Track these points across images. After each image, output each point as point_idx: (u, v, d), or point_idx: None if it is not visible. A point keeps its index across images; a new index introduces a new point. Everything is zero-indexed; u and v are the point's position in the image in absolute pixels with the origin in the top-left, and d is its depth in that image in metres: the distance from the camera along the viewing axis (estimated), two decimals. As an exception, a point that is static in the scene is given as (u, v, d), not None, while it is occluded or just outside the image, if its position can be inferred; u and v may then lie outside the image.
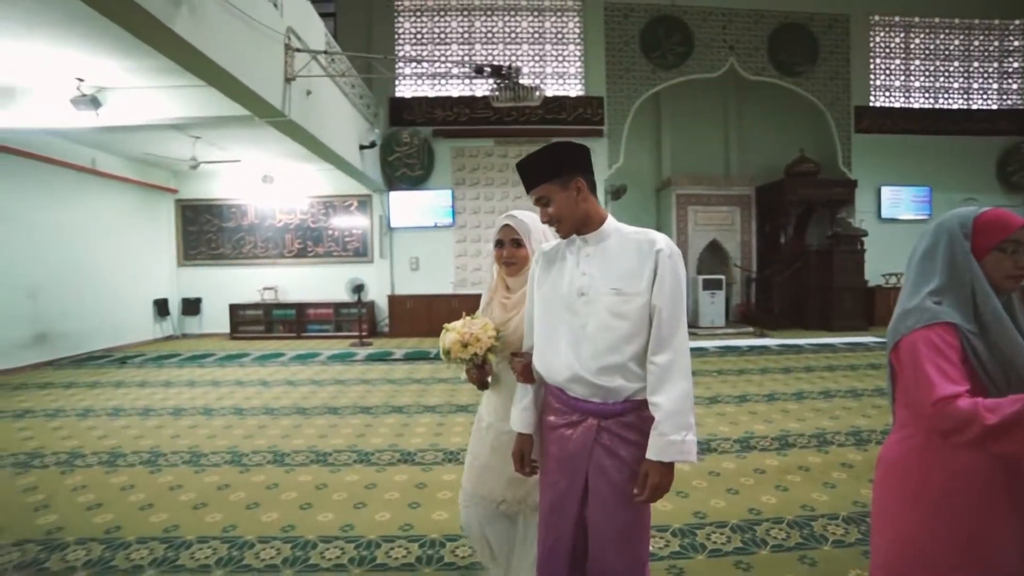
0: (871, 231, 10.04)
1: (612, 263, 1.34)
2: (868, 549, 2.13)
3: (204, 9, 3.49)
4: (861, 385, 5.21)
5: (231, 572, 2.14)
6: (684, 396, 1.25)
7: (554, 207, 1.35)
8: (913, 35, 10.71)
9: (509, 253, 1.64)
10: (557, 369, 1.36)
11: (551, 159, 1.34)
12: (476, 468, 1.70)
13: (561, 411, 1.39)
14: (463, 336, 1.53)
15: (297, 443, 3.73)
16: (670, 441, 1.22)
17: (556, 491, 1.39)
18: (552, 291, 1.41)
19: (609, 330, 1.30)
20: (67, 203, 7.36)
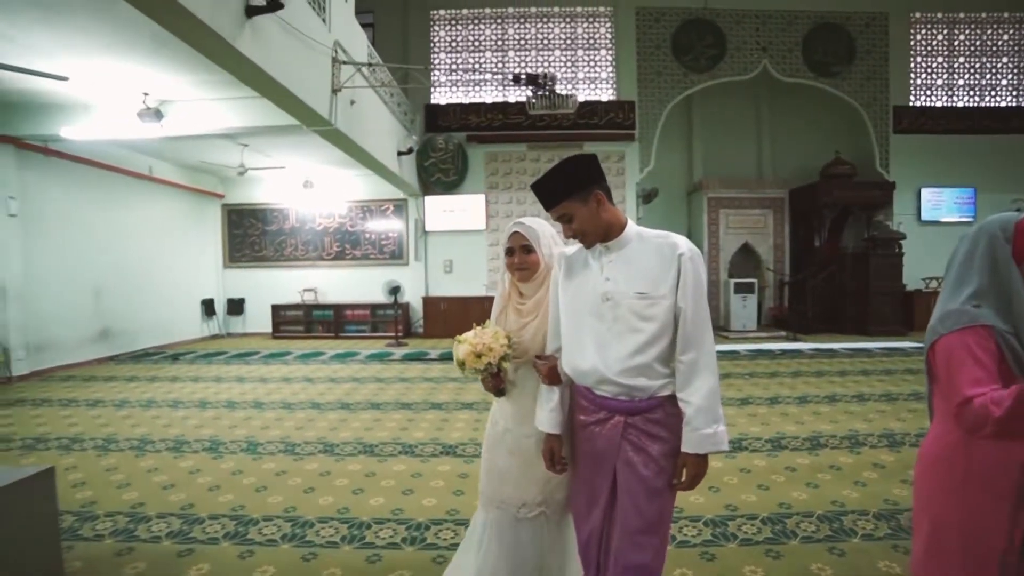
0: (910, 234, 9.82)
1: (635, 268, 1.38)
2: (897, 543, 2.22)
3: (264, 29, 3.77)
4: (897, 389, 5.17)
5: (296, 547, 2.36)
6: (712, 391, 1.32)
7: (577, 222, 1.38)
8: (957, 31, 10.43)
9: (520, 260, 1.65)
10: (585, 371, 1.40)
11: (567, 176, 1.36)
12: (495, 473, 1.71)
13: (589, 409, 1.43)
14: (476, 347, 1.53)
15: (344, 435, 3.96)
16: (703, 435, 1.30)
17: (591, 486, 1.44)
18: (577, 296, 1.44)
19: (635, 332, 1.34)
20: (126, 208, 7.86)
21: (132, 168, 7.81)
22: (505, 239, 1.69)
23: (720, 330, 9.65)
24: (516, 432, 1.67)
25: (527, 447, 1.64)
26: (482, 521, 1.74)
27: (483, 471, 1.77)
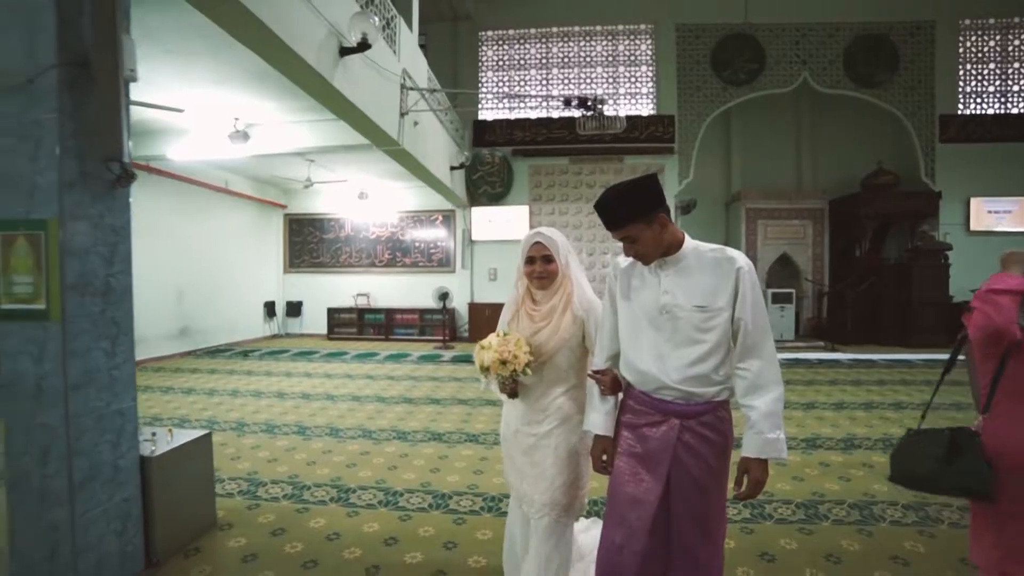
0: (958, 244, 9.70)
1: (693, 281, 1.41)
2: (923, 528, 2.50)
3: (352, 66, 4.31)
4: (937, 399, 5.28)
5: (391, 510, 2.81)
6: (777, 399, 1.38)
7: (640, 244, 1.41)
8: (1011, 37, 10.26)
9: (541, 269, 1.71)
10: (643, 380, 1.46)
11: (633, 200, 1.38)
12: (514, 470, 1.83)
13: (642, 412, 1.47)
14: (502, 354, 1.61)
15: (413, 424, 4.43)
16: (767, 439, 1.35)
17: (640, 486, 1.44)
18: (635, 307, 1.49)
19: (694, 344, 1.39)
20: (204, 217, 8.65)
21: (211, 181, 8.59)
22: (524, 248, 1.75)
23: (759, 339, 9.76)
24: (524, 431, 1.77)
25: (533, 446, 1.75)
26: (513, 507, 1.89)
27: (506, 467, 1.90)
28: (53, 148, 1.84)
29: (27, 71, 1.83)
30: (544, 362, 1.71)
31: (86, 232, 1.94)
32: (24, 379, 1.89)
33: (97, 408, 1.99)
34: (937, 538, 2.49)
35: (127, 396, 2.13)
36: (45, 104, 1.83)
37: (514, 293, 1.84)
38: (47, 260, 1.85)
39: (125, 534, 2.10)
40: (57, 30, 1.83)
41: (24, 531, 1.91)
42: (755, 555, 2.32)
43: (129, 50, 1.98)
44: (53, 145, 1.84)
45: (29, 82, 1.82)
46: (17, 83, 1.83)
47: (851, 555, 2.32)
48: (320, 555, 2.33)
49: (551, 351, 1.69)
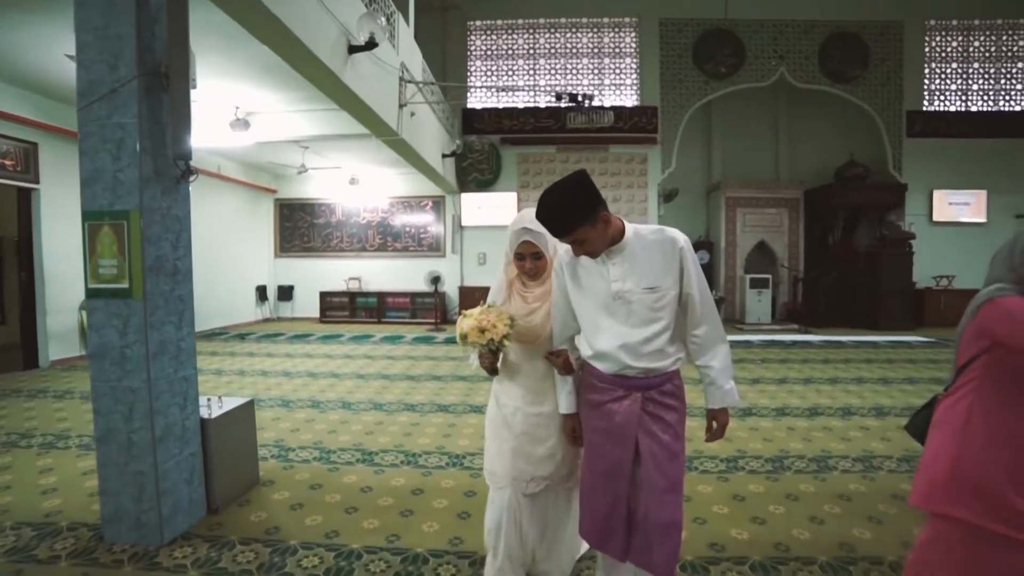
0: (922, 234, 10.35)
1: (640, 265, 1.50)
2: (867, 474, 2.95)
3: (358, 62, 4.56)
4: (893, 375, 5.84)
5: (413, 468, 3.17)
6: (726, 355, 1.56)
7: (589, 244, 1.46)
8: (973, 38, 10.82)
9: (531, 266, 1.72)
10: (605, 362, 1.55)
11: (577, 205, 1.40)
12: (506, 452, 1.80)
13: (606, 389, 1.56)
14: (480, 322, 1.59)
15: (419, 398, 4.78)
16: (726, 391, 1.55)
17: (611, 459, 1.55)
18: (587, 296, 1.56)
19: (649, 323, 1.49)
20: (196, 202, 8.73)
21: (204, 167, 8.69)
22: (512, 241, 1.72)
23: (735, 323, 10.33)
24: (526, 411, 1.78)
25: (537, 424, 1.78)
26: (498, 501, 1.84)
27: (492, 453, 1.86)
28: (134, 148, 2.12)
29: (111, 83, 2.10)
30: (542, 343, 1.73)
31: (159, 221, 2.23)
32: (110, 349, 2.19)
33: (169, 374, 2.30)
34: (876, 480, 2.96)
35: (190, 365, 2.44)
36: (126, 110, 2.11)
37: (501, 277, 1.85)
38: (129, 246, 2.13)
39: (192, 483, 2.42)
40: (136, 46, 2.10)
41: (112, 477, 2.23)
42: (729, 496, 2.75)
43: (192, 62, 2.25)
44: (134, 145, 2.12)
45: (112, 92, 2.09)
46: (102, 94, 2.09)
47: (807, 495, 2.77)
48: (358, 503, 2.69)
49: (549, 332, 1.71)
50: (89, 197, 2.16)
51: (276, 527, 2.44)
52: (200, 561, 2.15)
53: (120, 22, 2.09)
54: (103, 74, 2.11)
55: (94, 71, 2.12)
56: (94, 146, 2.14)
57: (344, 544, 2.30)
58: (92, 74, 2.12)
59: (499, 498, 1.83)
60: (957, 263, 10.50)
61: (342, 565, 2.13)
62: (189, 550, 2.23)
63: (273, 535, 2.37)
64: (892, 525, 2.47)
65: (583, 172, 1.44)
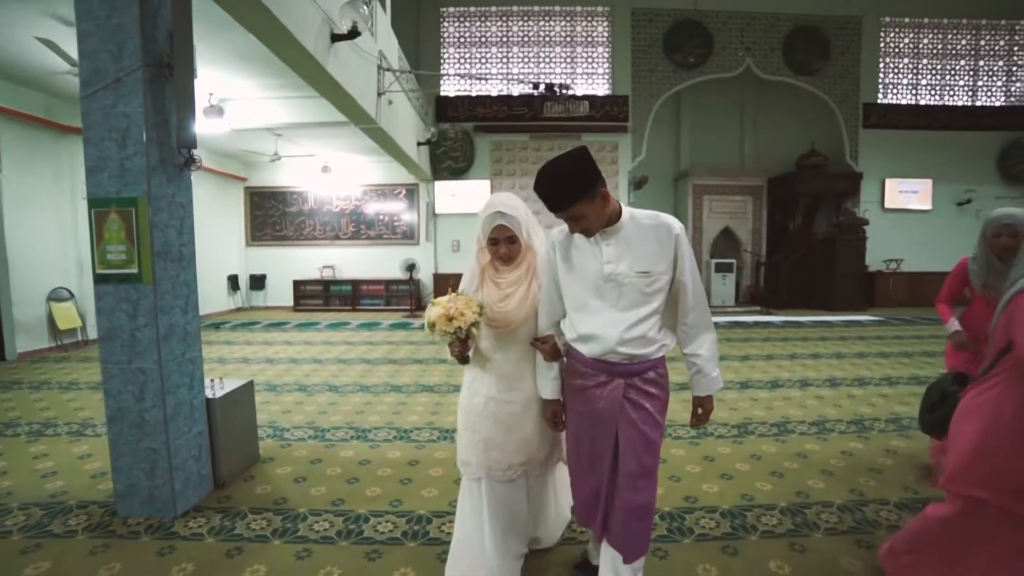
0: (875, 221, 10.96)
1: (634, 249, 1.48)
2: (820, 436, 3.26)
3: (340, 50, 4.60)
4: (846, 350, 6.28)
5: (405, 443, 3.33)
6: (713, 342, 1.58)
7: (585, 220, 1.44)
8: (923, 35, 11.40)
9: (506, 251, 1.70)
10: (591, 346, 1.53)
11: (575, 180, 1.39)
12: (479, 442, 1.78)
13: (589, 374, 1.56)
14: (448, 310, 1.57)
15: (404, 380, 4.93)
16: (712, 379, 1.57)
17: (595, 443, 1.57)
18: (578, 278, 1.54)
19: (638, 308, 1.48)
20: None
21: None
22: (485, 226, 1.69)
23: (702, 305, 10.75)
24: (499, 399, 1.76)
25: (511, 413, 1.75)
26: (470, 490, 1.86)
27: (465, 443, 1.84)
28: (140, 137, 2.19)
29: (114, 72, 2.16)
30: (515, 329, 1.71)
31: (165, 208, 2.31)
32: (120, 332, 2.28)
33: (177, 356, 2.40)
34: (828, 441, 3.29)
35: (195, 347, 2.54)
36: (132, 100, 2.17)
37: (473, 264, 1.82)
38: (138, 232, 2.21)
39: (200, 460, 2.53)
40: (140, 36, 2.16)
41: (125, 455, 2.32)
42: (700, 457, 3.03)
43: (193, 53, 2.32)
44: (140, 134, 2.19)
45: (117, 80, 2.15)
46: (107, 83, 2.15)
47: (768, 454, 3.07)
48: (358, 474, 2.85)
49: (522, 318, 1.69)
50: (95, 184, 2.22)
51: (283, 498, 2.58)
52: (215, 530, 2.28)
53: (122, 12, 2.15)
54: (107, 63, 2.17)
55: (98, 60, 2.17)
56: (99, 134, 2.20)
57: (351, 510, 2.46)
58: (95, 63, 2.17)
59: (475, 489, 1.82)
60: (905, 247, 11.17)
61: (352, 527, 2.30)
62: (203, 520, 2.35)
63: (281, 505, 2.51)
64: (841, 476, 2.78)
65: (584, 148, 1.42)
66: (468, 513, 1.86)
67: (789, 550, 2.12)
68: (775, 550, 2.12)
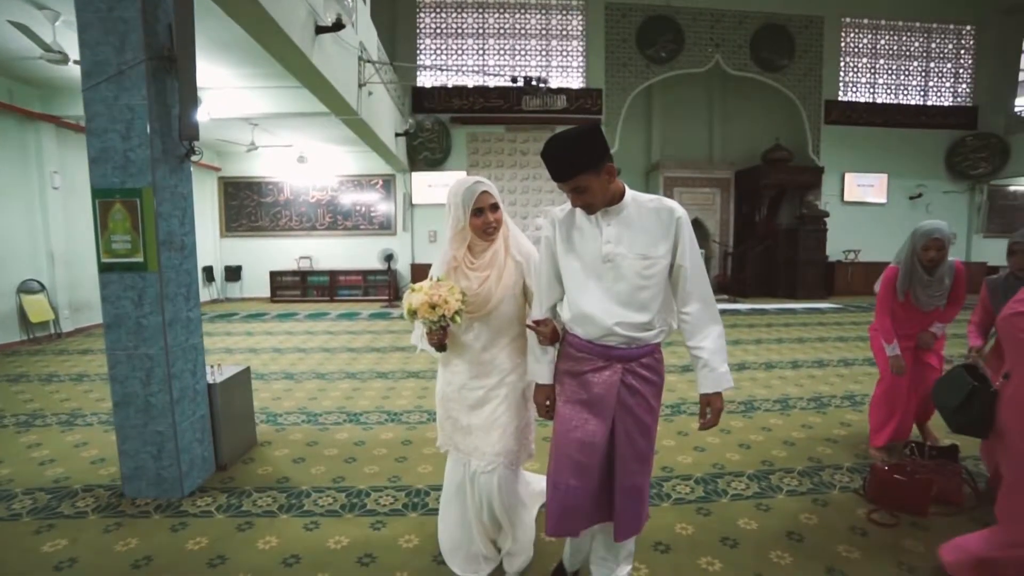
0: (835, 213, 11.48)
1: (636, 231, 1.45)
2: (783, 412, 3.54)
3: (324, 43, 4.64)
4: (807, 335, 6.67)
5: (397, 424, 3.47)
6: (719, 336, 1.49)
7: (589, 194, 1.41)
8: (880, 36, 11.94)
9: (493, 219, 1.66)
10: (589, 328, 1.49)
11: (584, 150, 1.37)
12: (458, 429, 1.78)
13: (585, 359, 1.52)
14: (431, 297, 1.52)
15: (389, 367, 5.05)
16: (720, 374, 1.47)
17: (586, 430, 1.50)
18: (577, 257, 1.51)
19: (637, 290, 1.45)
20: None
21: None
22: (466, 200, 1.65)
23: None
24: (471, 386, 1.73)
25: (482, 399, 1.73)
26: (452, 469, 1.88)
27: (449, 431, 1.84)
28: (144, 129, 2.26)
29: (117, 65, 2.22)
30: (490, 312, 1.68)
31: (168, 199, 2.39)
32: (125, 319, 2.35)
33: (181, 342, 2.49)
34: (790, 416, 3.59)
35: (197, 333, 2.62)
36: (135, 92, 2.24)
37: (447, 252, 1.75)
38: (143, 222, 2.29)
39: (203, 443, 2.63)
40: (143, 29, 2.22)
41: (132, 438, 2.41)
42: (675, 433, 3.28)
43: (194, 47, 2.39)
44: (144, 126, 2.26)
45: (120, 73, 2.21)
46: (109, 75, 2.21)
47: (737, 429, 3.34)
48: (355, 454, 2.98)
49: (498, 299, 1.67)
50: (99, 175, 2.28)
51: (285, 477, 2.70)
52: (223, 507, 2.39)
53: (125, 5, 2.20)
54: (109, 56, 2.22)
55: (100, 52, 2.22)
56: (102, 126, 2.26)
57: (351, 486, 2.60)
58: (97, 55, 2.22)
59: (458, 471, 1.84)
60: (862, 239, 11.76)
61: (354, 501, 2.45)
62: (209, 500, 2.46)
63: (284, 483, 2.63)
64: (801, 446, 3.07)
65: (596, 123, 1.46)
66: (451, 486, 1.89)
67: (755, 509, 2.37)
68: (743, 510, 2.36)
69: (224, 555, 2.03)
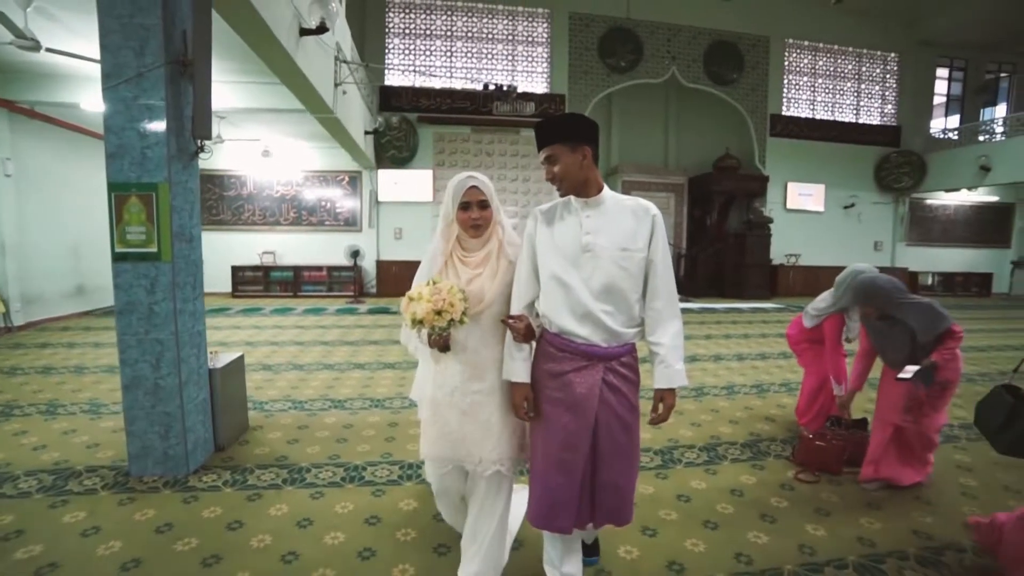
0: (778, 219, 12.35)
1: (614, 225, 1.51)
2: (731, 396, 3.99)
3: (306, 44, 4.78)
4: (752, 331, 7.28)
5: (381, 410, 3.70)
6: (677, 333, 1.54)
7: (560, 167, 1.49)
8: (818, 57, 12.92)
9: (478, 215, 1.63)
10: (570, 313, 1.51)
11: (566, 125, 1.49)
12: (448, 435, 1.69)
13: (566, 358, 1.53)
14: (436, 304, 1.47)
15: (364, 359, 5.24)
16: (675, 371, 1.53)
17: (569, 430, 1.53)
18: (557, 249, 1.54)
19: (615, 281, 1.50)
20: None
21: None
22: (455, 192, 1.63)
23: (630, 294, 11.68)
24: (465, 389, 1.67)
25: (478, 403, 1.67)
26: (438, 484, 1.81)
27: (431, 437, 1.73)
28: (161, 128, 2.42)
29: (136, 67, 2.38)
30: (482, 311, 1.64)
31: (180, 193, 2.55)
32: (137, 306, 2.50)
33: (188, 328, 2.65)
34: (735, 400, 4.07)
35: (201, 321, 2.79)
36: (154, 93, 2.40)
37: (438, 243, 1.73)
38: (158, 214, 2.45)
39: (205, 424, 2.79)
40: (163, 36, 2.38)
41: (140, 419, 2.56)
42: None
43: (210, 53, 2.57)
44: (161, 125, 2.42)
45: (139, 76, 2.37)
46: (129, 77, 2.36)
47: (689, 410, 3.78)
48: (346, 436, 3.21)
49: (491, 299, 1.63)
50: (116, 170, 2.42)
51: (283, 456, 2.90)
52: (229, 482, 2.58)
53: (147, 14, 2.36)
54: (129, 59, 2.37)
55: (121, 56, 2.37)
56: (120, 124, 2.41)
57: (348, 461, 2.84)
58: (118, 58, 2.37)
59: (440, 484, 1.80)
60: (802, 244, 12.70)
61: (353, 474, 2.69)
62: (214, 476, 2.64)
63: (283, 461, 2.83)
64: (743, 424, 3.53)
65: (593, 120, 1.54)
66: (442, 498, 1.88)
67: (705, 473, 2.77)
68: (695, 474, 2.76)
69: (240, 520, 2.24)
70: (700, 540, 2.15)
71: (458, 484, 1.80)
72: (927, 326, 2.36)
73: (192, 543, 2.07)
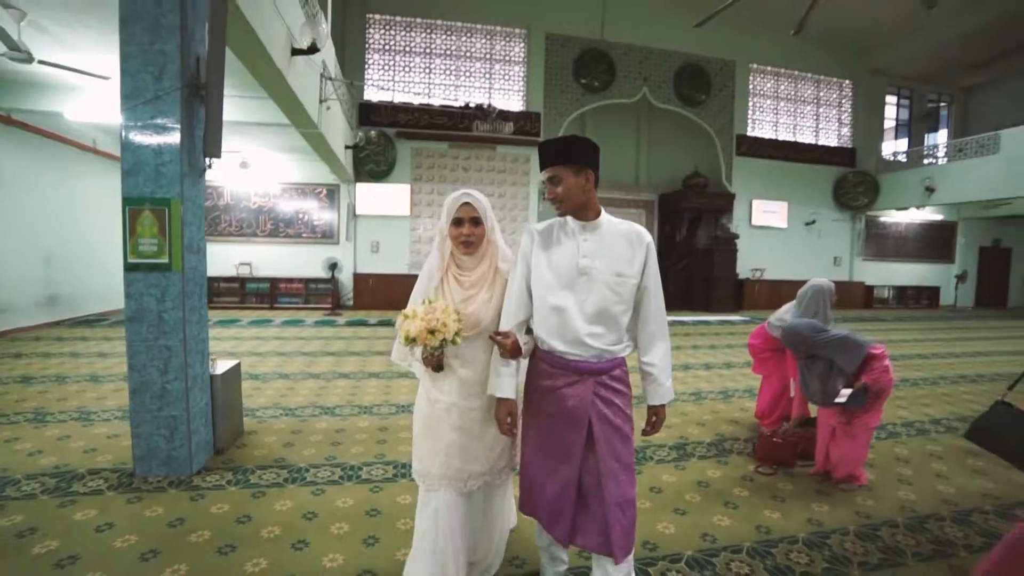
0: (744, 235, 12.93)
1: (609, 250, 1.55)
2: (699, 400, 4.30)
3: (296, 63, 4.96)
4: (719, 342, 7.67)
5: (370, 416, 3.86)
6: (667, 352, 1.62)
7: (563, 188, 1.53)
8: (780, 82, 13.69)
9: (469, 232, 1.64)
10: (561, 339, 1.56)
11: (572, 148, 1.52)
12: (441, 450, 1.70)
13: (558, 374, 1.58)
14: (430, 323, 1.49)
15: (348, 368, 5.37)
16: (667, 388, 1.62)
17: (563, 443, 1.57)
18: (552, 269, 1.58)
19: (608, 304, 1.54)
20: (71, 177, 8.09)
21: (77, 139, 8.04)
22: (449, 209, 1.66)
23: (604, 305, 12.04)
24: (462, 406, 1.69)
25: (473, 419, 1.70)
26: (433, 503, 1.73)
27: (424, 452, 1.74)
28: (175, 146, 2.59)
29: (154, 90, 2.55)
30: (480, 332, 1.68)
31: (190, 208, 2.71)
32: (147, 314, 2.64)
33: (195, 335, 2.79)
34: (702, 404, 4.37)
35: (205, 328, 2.92)
36: (170, 114, 2.57)
37: (434, 259, 1.75)
38: (170, 227, 2.60)
39: (206, 427, 2.92)
40: (181, 62, 2.56)
41: (146, 422, 2.68)
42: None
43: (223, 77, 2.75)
44: (175, 144, 2.59)
45: (157, 98, 2.54)
46: (147, 99, 2.53)
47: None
48: (339, 439, 3.36)
49: (488, 320, 1.67)
50: (131, 185, 2.58)
51: (281, 458, 3.05)
52: (232, 482, 2.72)
53: (166, 41, 2.54)
54: (148, 83, 2.55)
55: (139, 79, 2.54)
56: (137, 141, 2.57)
57: (344, 462, 3.00)
58: (137, 82, 2.54)
59: (433, 500, 1.73)
60: (767, 259, 13.31)
61: (350, 473, 2.85)
62: (217, 477, 2.77)
63: (282, 462, 2.98)
64: (710, 425, 3.83)
65: (596, 145, 1.58)
66: (428, 526, 1.74)
67: (675, 468, 3.04)
68: (666, 469, 3.02)
69: (248, 515, 2.39)
70: (671, 524, 2.40)
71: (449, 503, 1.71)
72: (848, 360, 2.67)
73: (205, 535, 2.21)
